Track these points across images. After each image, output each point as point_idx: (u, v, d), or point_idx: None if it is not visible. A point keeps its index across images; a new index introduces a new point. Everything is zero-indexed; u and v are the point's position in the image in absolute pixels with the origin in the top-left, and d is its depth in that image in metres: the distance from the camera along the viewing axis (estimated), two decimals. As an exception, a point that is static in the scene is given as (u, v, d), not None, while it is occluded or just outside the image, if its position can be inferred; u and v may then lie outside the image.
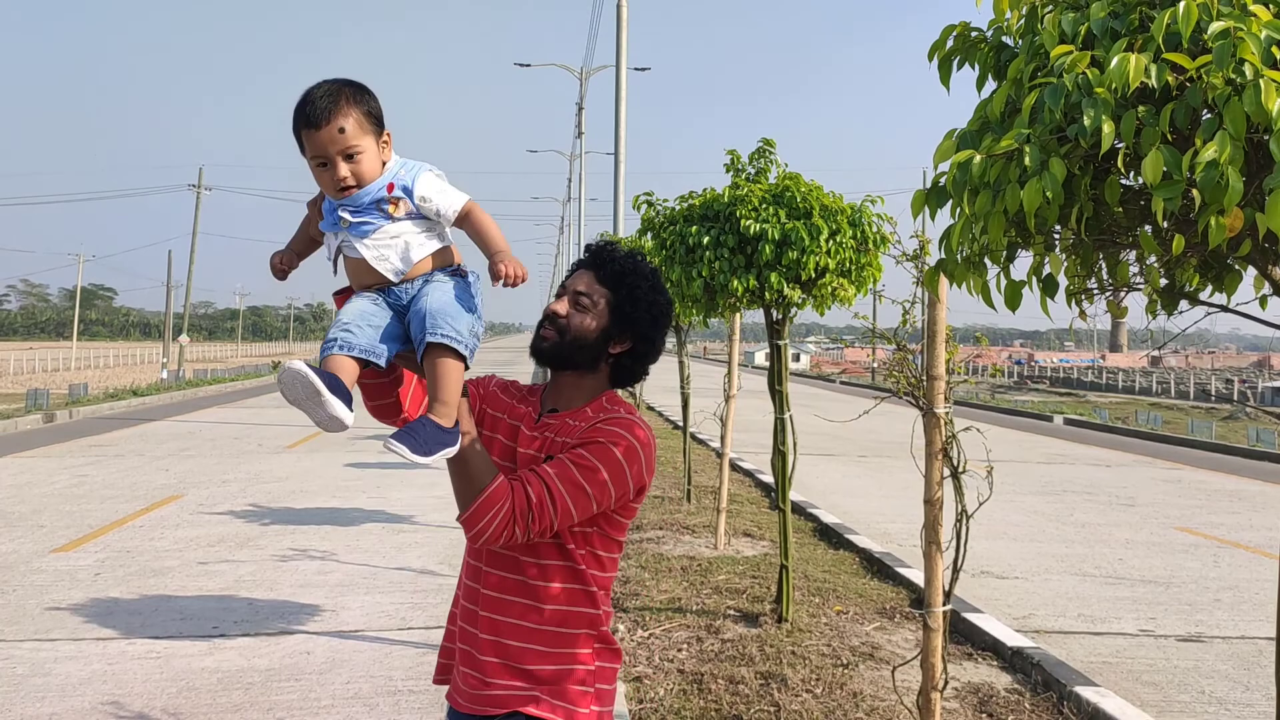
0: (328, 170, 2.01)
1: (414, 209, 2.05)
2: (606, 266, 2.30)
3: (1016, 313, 2.16)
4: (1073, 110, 1.82)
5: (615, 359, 2.32)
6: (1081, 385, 56.06)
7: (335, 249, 2.10)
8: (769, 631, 6.06)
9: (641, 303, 2.29)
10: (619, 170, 22.36)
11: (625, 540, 2.27)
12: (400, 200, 2.04)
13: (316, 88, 2.03)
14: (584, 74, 38.02)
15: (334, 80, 2.04)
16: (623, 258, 2.31)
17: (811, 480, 13.38)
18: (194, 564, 8.36)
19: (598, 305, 2.27)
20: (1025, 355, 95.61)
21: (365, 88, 2.07)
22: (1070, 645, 6.58)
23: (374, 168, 2.03)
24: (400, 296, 2.09)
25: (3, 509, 10.92)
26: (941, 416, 3.91)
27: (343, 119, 1.99)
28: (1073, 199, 1.89)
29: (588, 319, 2.26)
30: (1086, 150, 1.83)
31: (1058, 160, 1.81)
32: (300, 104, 2.02)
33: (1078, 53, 1.84)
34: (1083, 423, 27.60)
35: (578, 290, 2.28)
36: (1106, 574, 8.79)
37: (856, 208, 6.08)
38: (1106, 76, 1.75)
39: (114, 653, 6.09)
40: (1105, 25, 1.90)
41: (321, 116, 1.99)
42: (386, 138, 2.07)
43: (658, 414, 22.32)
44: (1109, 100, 1.76)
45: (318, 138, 2.00)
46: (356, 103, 2.02)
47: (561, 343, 2.26)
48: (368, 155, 2.02)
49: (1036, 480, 14.92)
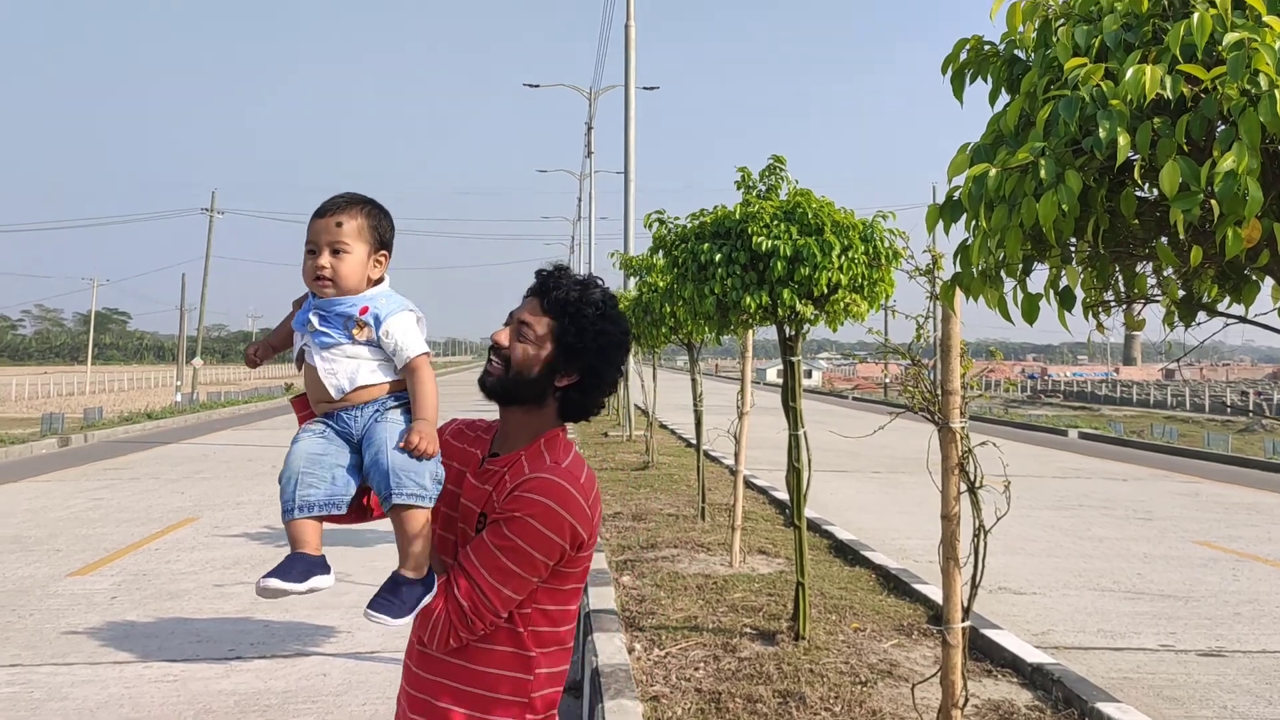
0: (313, 258, 2.06)
1: (375, 338, 2.07)
2: (551, 294, 2.15)
3: (1032, 326, 2.16)
4: (1088, 123, 1.81)
5: (563, 392, 2.19)
6: (1096, 399, 55.80)
7: (299, 350, 2.12)
8: (786, 649, 6.03)
9: (587, 332, 2.14)
10: (629, 188, 22.44)
11: (583, 584, 2.23)
12: (367, 326, 2.05)
13: (341, 194, 2.12)
14: (593, 94, 38.21)
15: (364, 196, 2.13)
16: (570, 284, 2.17)
17: (826, 497, 13.33)
18: (209, 586, 8.37)
19: (540, 335, 2.14)
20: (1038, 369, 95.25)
21: (384, 210, 2.14)
22: (1090, 661, 6.53)
23: (355, 275, 2.06)
24: (349, 424, 2.09)
25: (19, 533, 10.95)
26: (957, 431, 3.90)
27: (345, 217, 2.06)
28: (1088, 211, 1.88)
29: (530, 349, 2.13)
30: (1102, 162, 1.83)
31: (1074, 173, 1.80)
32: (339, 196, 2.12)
33: (1092, 65, 1.84)
34: (1098, 436, 27.46)
35: (521, 319, 2.16)
36: (1125, 589, 8.72)
37: (868, 223, 6.07)
38: (1122, 88, 1.75)
39: (131, 676, 6.09)
40: (1118, 38, 1.90)
41: (329, 209, 2.07)
42: (382, 258, 2.11)
43: (670, 432, 22.29)
44: (1124, 112, 1.76)
45: (317, 225, 2.07)
46: (366, 215, 2.09)
47: (505, 377, 2.15)
48: (353, 259, 2.05)
49: (1052, 495, 14.84)
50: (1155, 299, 2.08)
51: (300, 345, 2.11)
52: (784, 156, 6.51)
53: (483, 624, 2.06)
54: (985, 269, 2.09)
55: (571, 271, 2.23)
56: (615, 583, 7.62)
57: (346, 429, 2.09)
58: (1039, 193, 1.83)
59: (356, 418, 2.09)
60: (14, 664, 6.30)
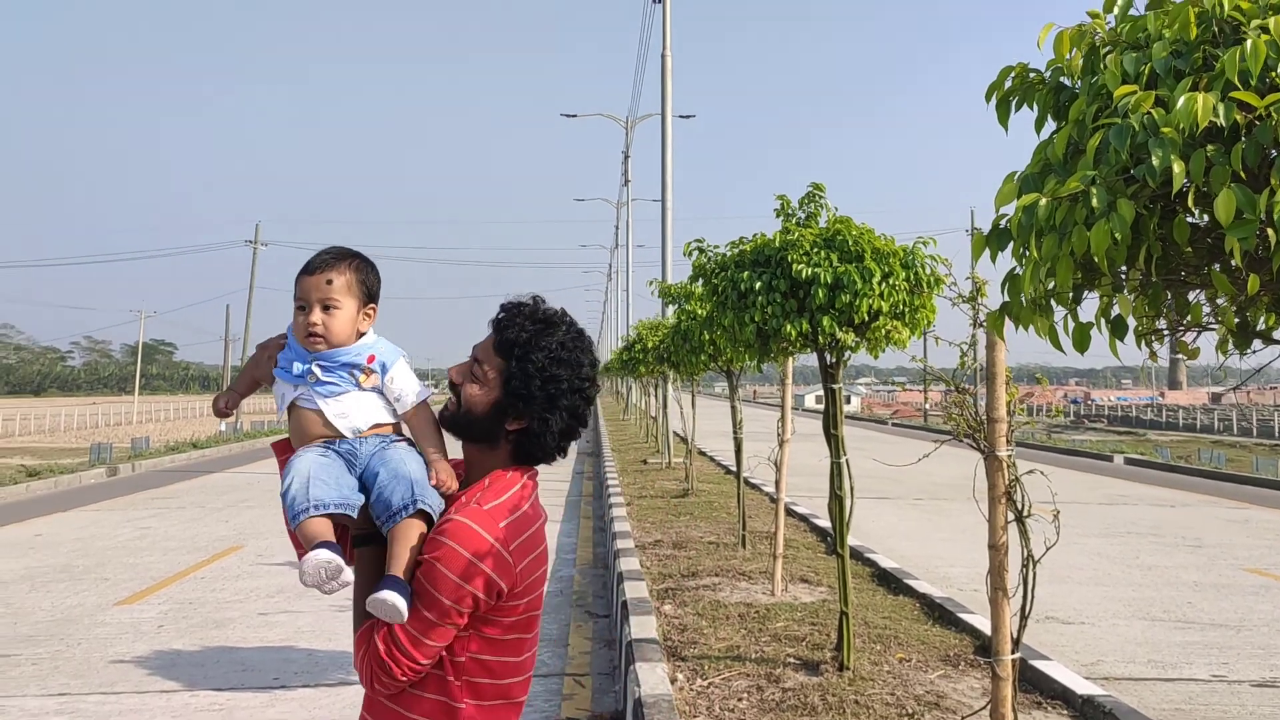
0: (304, 314, 2.10)
1: (380, 385, 2.13)
2: (504, 333, 2.09)
3: (1083, 354, 2.13)
4: (1139, 150, 1.80)
5: (515, 435, 2.12)
6: (1141, 423, 54.98)
7: (289, 399, 2.14)
8: (830, 680, 5.96)
9: (534, 379, 2.06)
10: (666, 217, 22.49)
11: (531, 633, 2.19)
12: (374, 373, 2.12)
13: (329, 249, 2.15)
14: (630, 123, 38.44)
15: (346, 248, 2.17)
16: (524, 323, 2.09)
17: (868, 524, 13.21)
18: (254, 615, 8.44)
19: (490, 377, 2.09)
20: (1082, 394, 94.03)
21: (370, 262, 2.18)
22: (1142, 692, 6.40)
23: (346, 330, 2.11)
24: (355, 447, 2.12)
25: (68, 562, 11.11)
26: (1004, 459, 3.86)
27: (335, 274, 2.10)
28: (1140, 239, 1.87)
29: (476, 390, 2.09)
30: (1154, 190, 1.82)
31: (1126, 201, 1.79)
32: (309, 258, 2.15)
33: (1142, 93, 1.83)
34: (1144, 462, 27.01)
35: (475, 357, 2.11)
36: (1176, 618, 8.55)
37: (909, 250, 6.05)
38: (1174, 116, 1.74)
39: (178, 705, 6.15)
40: (1168, 65, 1.89)
41: (318, 266, 2.11)
42: (370, 311, 2.16)
43: (710, 459, 22.22)
44: (1176, 140, 1.74)
45: (307, 281, 2.11)
46: (355, 269, 2.13)
47: (456, 413, 2.11)
48: (343, 314, 2.10)
49: (1099, 522, 14.60)
50: (1211, 327, 2.06)
51: (293, 396, 2.13)
52: (823, 184, 6.50)
53: (401, 671, 2.00)
54: (1035, 298, 2.07)
55: (538, 306, 2.15)
56: (657, 611, 7.58)
57: (351, 450, 2.12)
58: (1090, 221, 1.82)
59: (363, 443, 2.12)
60: (63, 693, 6.37)
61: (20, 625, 8.16)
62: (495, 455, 2.14)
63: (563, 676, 6.90)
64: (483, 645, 2.08)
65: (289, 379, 2.13)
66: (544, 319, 2.12)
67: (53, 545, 12.38)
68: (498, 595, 2.04)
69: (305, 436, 2.12)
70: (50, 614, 8.56)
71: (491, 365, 2.09)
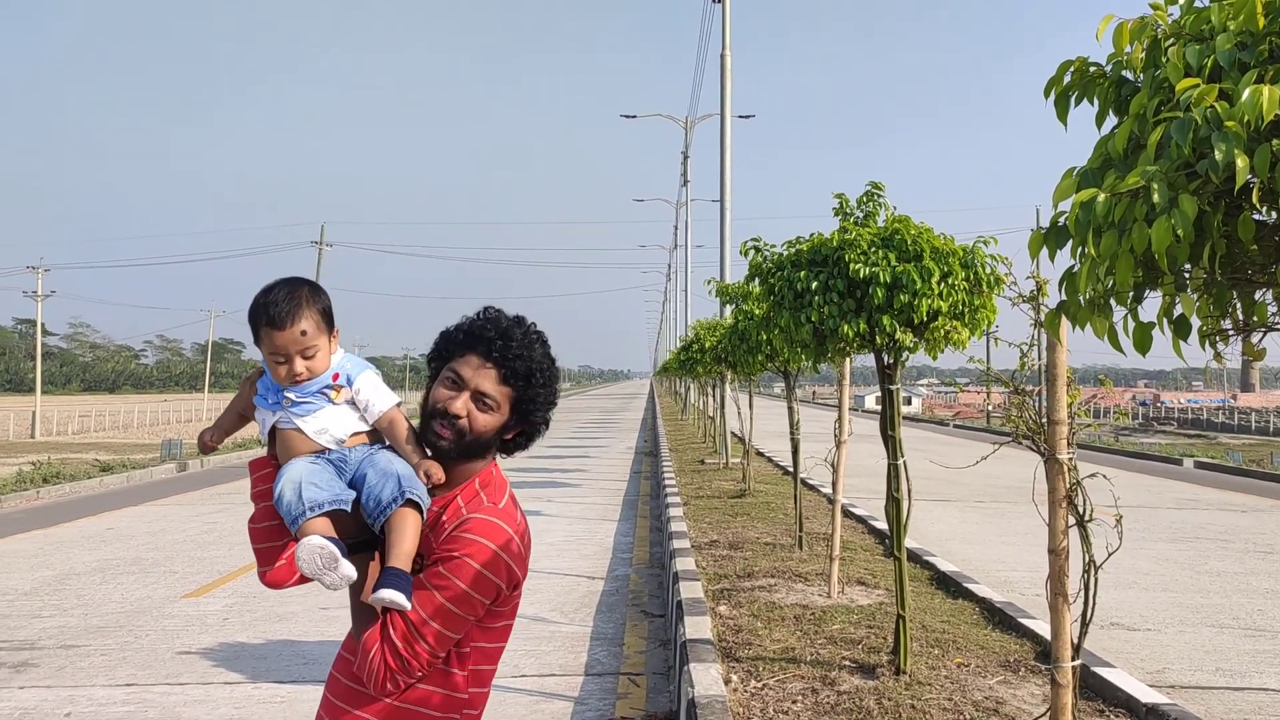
0: (284, 364, 2.20)
1: (351, 397, 2.25)
2: (513, 364, 2.24)
3: (1144, 356, 2.08)
4: (1201, 145, 1.75)
5: (507, 441, 2.33)
6: (1212, 426, 53.59)
7: (270, 424, 2.25)
8: (887, 684, 5.90)
9: (542, 403, 2.30)
10: (724, 217, 22.43)
11: (513, 622, 2.35)
12: (343, 388, 2.24)
13: (279, 288, 2.20)
14: (689, 123, 38.40)
15: (292, 281, 2.23)
16: (524, 352, 2.25)
17: (926, 526, 13.04)
18: (316, 609, 8.58)
19: (499, 404, 2.24)
20: (1150, 396, 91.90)
21: (320, 288, 2.27)
22: (1209, 701, 6.23)
23: (325, 363, 2.23)
24: (344, 454, 2.22)
25: (139, 555, 11.40)
26: (1064, 463, 3.78)
27: (305, 322, 2.18)
28: (1203, 237, 1.81)
29: (490, 420, 2.24)
30: (1218, 186, 1.76)
31: (1188, 197, 1.74)
32: (263, 303, 2.18)
33: (1205, 86, 1.78)
34: (1215, 466, 26.31)
35: (481, 390, 2.22)
36: (1245, 625, 8.31)
37: (969, 249, 5.95)
38: (1238, 109, 1.68)
39: (240, 697, 6.27)
40: (1232, 57, 1.83)
41: (285, 319, 2.16)
42: (335, 333, 2.27)
43: (767, 459, 22.11)
44: (1240, 134, 1.69)
45: (280, 337, 2.17)
46: (314, 305, 2.22)
47: (461, 443, 2.22)
48: (322, 352, 2.22)
49: (1166, 526, 14.26)
50: (1276, 327, 1.99)
51: (273, 421, 2.24)
52: (882, 183, 6.43)
53: (419, 666, 2.09)
54: (1093, 297, 2.02)
55: (516, 325, 2.29)
56: (711, 612, 7.56)
57: (341, 457, 2.22)
58: (1151, 218, 1.77)
59: (351, 452, 2.23)
60: (130, 683, 6.54)
61: (91, 617, 8.38)
62: (482, 459, 2.30)
63: (618, 675, 6.92)
64: (485, 635, 2.22)
65: (266, 406, 2.25)
66: (531, 338, 2.29)
67: (124, 538, 12.71)
68: (513, 587, 2.20)
69: (292, 455, 2.21)
70: (120, 606, 8.78)
71: (501, 394, 2.23)
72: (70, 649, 7.36)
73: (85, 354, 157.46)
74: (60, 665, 6.94)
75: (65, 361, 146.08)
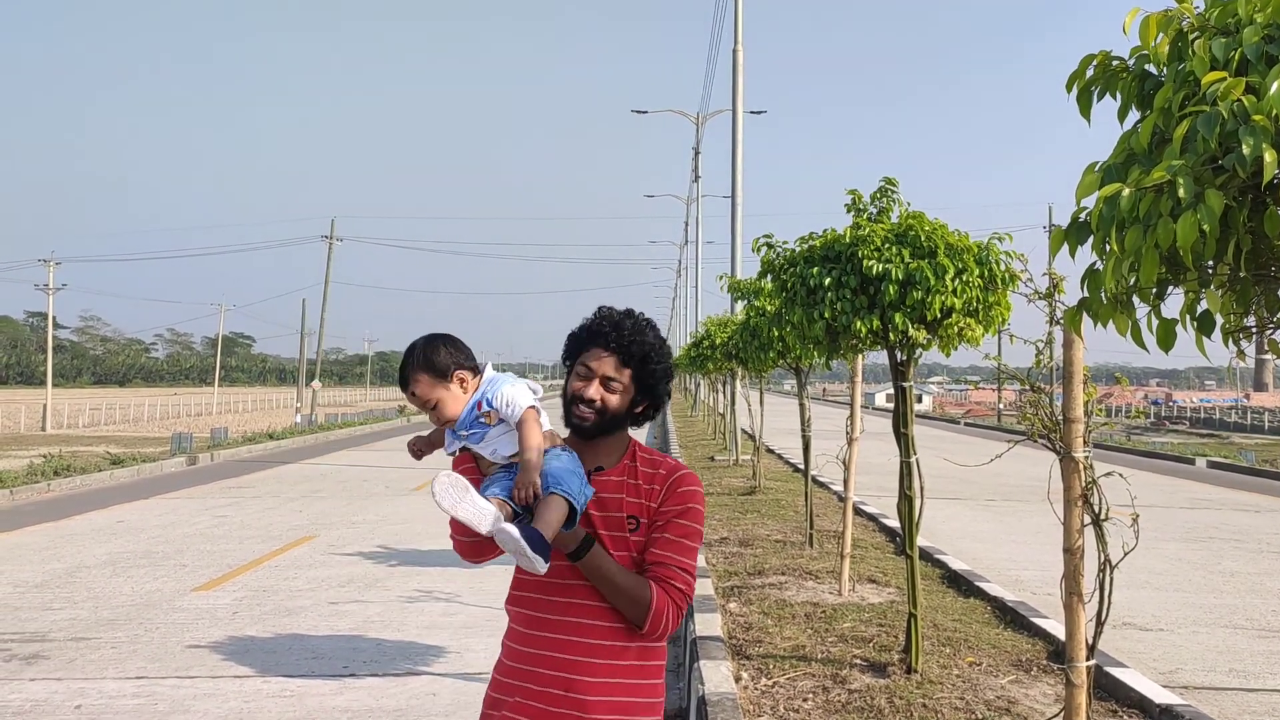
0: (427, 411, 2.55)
1: (500, 417, 2.52)
2: (628, 349, 2.57)
3: (1168, 353, 2.05)
4: (1228, 139, 1.72)
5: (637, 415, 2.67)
6: (1224, 426, 53.34)
7: (455, 446, 2.60)
8: (898, 682, 5.87)
9: (660, 376, 2.62)
10: (736, 213, 22.38)
11: None
12: (490, 412, 2.52)
13: (407, 353, 2.57)
14: (700, 119, 38.33)
15: (412, 345, 2.55)
16: (636, 338, 2.58)
17: (938, 525, 13.00)
18: (325, 604, 8.58)
19: (626, 385, 2.58)
20: (1163, 395, 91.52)
21: (437, 342, 2.54)
22: (1222, 702, 6.19)
23: (455, 407, 2.52)
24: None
25: (150, 548, 11.43)
26: (1081, 461, 3.74)
27: (414, 385, 2.51)
28: (1229, 232, 1.78)
29: (619, 399, 2.58)
30: (1244, 181, 1.73)
31: (1214, 192, 1.71)
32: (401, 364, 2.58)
33: (1232, 79, 1.75)
34: (1228, 465, 26.17)
35: (606, 375, 2.56)
36: (1260, 626, 8.26)
37: (983, 245, 5.91)
38: (1266, 103, 1.65)
39: (250, 690, 6.27)
40: (1260, 50, 1.80)
41: (404, 385, 2.55)
42: (464, 376, 2.53)
43: (777, 456, 22.07)
44: (1268, 128, 1.66)
45: (409, 398, 2.57)
46: (422, 367, 2.50)
47: (601, 421, 2.57)
48: (444, 401, 2.51)
49: (1180, 526, 14.19)
50: (1301, 324, 1.96)
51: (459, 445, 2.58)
52: (895, 179, 6.39)
53: (691, 596, 2.51)
54: (1116, 294, 1.99)
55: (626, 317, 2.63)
56: (722, 609, 7.54)
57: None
58: (1176, 213, 1.74)
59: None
60: (141, 676, 6.55)
61: (101, 609, 8.40)
62: (622, 433, 2.65)
63: (627, 672, 6.89)
64: None
65: (453, 437, 2.60)
66: (642, 324, 2.63)
67: (134, 531, 12.75)
68: None
69: (484, 471, 2.55)
70: (130, 598, 8.80)
71: (625, 376, 2.57)
72: (80, 641, 7.38)
73: (96, 347, 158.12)
74: (70, 658, 6.96)
75: (76, 355, 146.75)
